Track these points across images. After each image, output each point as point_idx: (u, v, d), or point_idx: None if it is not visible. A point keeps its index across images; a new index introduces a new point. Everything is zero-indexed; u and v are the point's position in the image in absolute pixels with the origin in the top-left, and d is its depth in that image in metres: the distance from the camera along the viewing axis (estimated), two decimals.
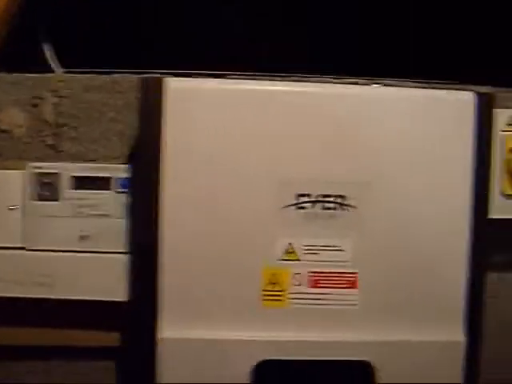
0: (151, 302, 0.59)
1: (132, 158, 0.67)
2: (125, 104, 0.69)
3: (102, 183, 0.65)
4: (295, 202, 0.59)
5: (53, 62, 0.70)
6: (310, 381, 0.62)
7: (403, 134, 0.60)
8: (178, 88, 0.59)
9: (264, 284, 0.60)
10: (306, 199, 0.59)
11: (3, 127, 0.69)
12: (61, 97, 0.69)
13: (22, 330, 0.69)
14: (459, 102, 0.60)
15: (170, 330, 0.60)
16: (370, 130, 0.60)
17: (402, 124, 0.60)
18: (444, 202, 0.60)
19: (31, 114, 0.70)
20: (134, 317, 0.60)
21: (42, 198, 0.65)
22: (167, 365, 0.60)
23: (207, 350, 0.60)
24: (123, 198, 0.65)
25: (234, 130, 0.59)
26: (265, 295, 0.61)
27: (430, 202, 0.60)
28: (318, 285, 0.60)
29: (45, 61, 0.71)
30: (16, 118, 0.70)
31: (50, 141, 0.70)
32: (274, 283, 0.60)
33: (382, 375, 0.61)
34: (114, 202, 0.65)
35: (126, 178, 0.65)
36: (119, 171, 0.65)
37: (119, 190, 0.65)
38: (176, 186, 0.59)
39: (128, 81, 0.69)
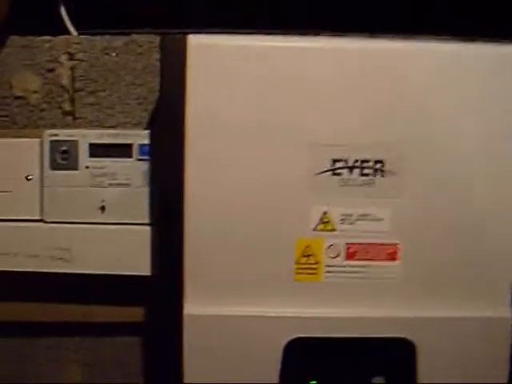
0: (177, 277, 0.56)
1: (153, 124, 0.63)
2: (144, 66, 0.65)
3: (122, 150, 0.61)
4: (330, 167, 0.55)
5: (68, 24, 0.65)
6: (345, 360, 0.57)
7: (450, 92, 0.54)
8: (202, 45, 0.54)
9: (297, 256, 0.56)
10: (341, 165, 0.55)
11: (17, 93, 0.65)
12: (77, 60, 0.65)
13: (42, 306, 0.67)
14: None
15: (196, 305, 0.56)
16: (412, 89, 0.54)
17: (447, 82, 0.54)
18: (499, 164, 0.54)
19: (46, 79, 0.66)
20: (159, 292, 0.56)
21: (59, 167, 0.62)
22: (194, 342, 0.57)
23: (236, 327, 0.57)
24: (145, 166, 0.61)
25: (262, 90, 0.55)
26: (298, 268, 0.57)
27: (480, 164, 0.54)
28: (355, 257, 0.56)
29: (60, 22, 0.65)
30: (30, 84, 0.66)
31: (66, 107, 0.66)
32: (307, 255, 0.56)
33: (422, 354, 0.57)
34: (135, 170, 0.61)
35: (148, 145, 0.61)
36: (140, 137, 0.61)
37: (140, 157, 0.61)
38: (201, 151, 0.55)
39: (147, 41, 0.65)
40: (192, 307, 0.56)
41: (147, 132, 0.61)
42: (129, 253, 0.62)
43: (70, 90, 0.66)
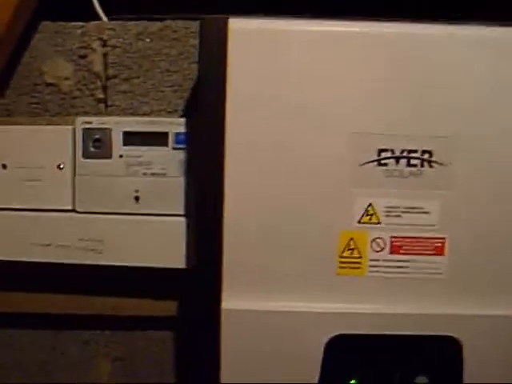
0: (215, 270, 0.53)
1: (189, 111, 0.60)
2: (180, 52, 0.63)
3: (157, 139, 0.59)
4: (376, 157, 0.52)
5: (99, 9, 0.63)
6: (387, 358, 0.55)
7: (499, 78, 0.51)
8: (243, 29, 0.52)
9: (340, 250, 0.54)
10: (388, 155, 0.52)
11: (49, 80, 0.64)
12: (110, 46, 0.63)
13: (72, 298, 0.65)
14: None
15: (234, 300, 0.54)
16: (462, 78, 0.51)
17: (498, 68, 0.51)
18: None
19: (78, 66, 0.65)
20: (196, 286, 0.54)
21: (92, 156, 0.60)
22: (231, 339, 0.54)
23: (275, 323, 0.54)
24: (181, 155, 0.59)
25: (305, 75, 0.52)
26: (341, 262, 0.54)
27: None
28: (401, 251, 0.53)
29: (93, 8, 0.64)
30: (62, 70, 0.65)
31: (99, 94, 0.65)
32: (351, 249, 0.53)
33: (468, 353, 0.54)
34: (170, 159, 0.59)
35: (184, 133, 0.59)
36: (176, 125, 0.59)
37: (176, 146, 0.59)
38: (241, 140, 0.52)
39: (183, 27, 0.63)
40: (230, 302, 0.54)
41: (183, 120, 0.58)
42: (163, 245, 0.60)
43: (102, 77, 0.64)
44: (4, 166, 0.61)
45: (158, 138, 0.59)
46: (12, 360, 0.69)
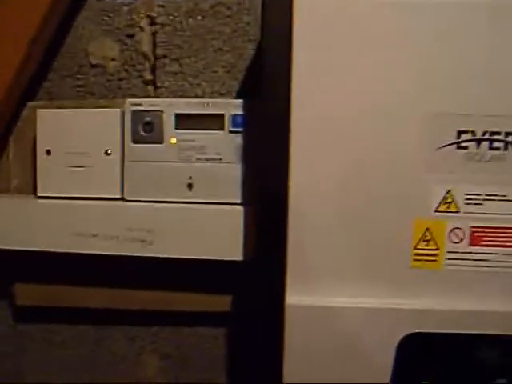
0: (278, 263, 0.49)
1: (245, 93, 0.56)
2: (233, 30, 0.59)
3: (212, 122, 0.55)
4: (455, 140, 0.47)
5: None
6: (465, 359, 0.50)
7: None
8: (309, 2, 0.47)
9: (415, 241, 0.49)
10: (468, 137, 0.47)
11: (94, 61, 0.60)
12: (159, 24, 0.60)
13: (117, 292, 0.62)
14: None
15: (299, 295, 0.50)
16: None
17: None
18: None
19: (125, 46, 0.61)
20: (256, 280, 0.51)
21: (142, 141, 0.56)
22: (296, 336, 0.50)
23: (343, 319, 0.50)
24: (238, 139, 0.55)
25: (379, 50, 0.48)
26: (415, 255, 0.49)
27: None
28: (481, 242, 0.49)
29: None
30: (108, 51, 0.61)
31: (147, 75, 0.61)
32: (427, 240, 0.49)
33: None
34: (226, 143, 0.55)
35: (242, 115, 0.55)
36: (233, 107, 0.55)
37: (233, 129, 0.55)
38: (308, 122, 0.48)
39: (236, 3, 0.59)
40: (295, 297, 0.50)
41: (241, 101, 0.54)
42: (218, 236, 0.56)
43: (151, 58, 0.61)
44: (48, 152, 0.58)
45: (213, 121, 0.55)
46: (51, 356, 0.67)
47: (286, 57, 0.48)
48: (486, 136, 0.48)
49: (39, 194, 0.58)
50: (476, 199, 0.49)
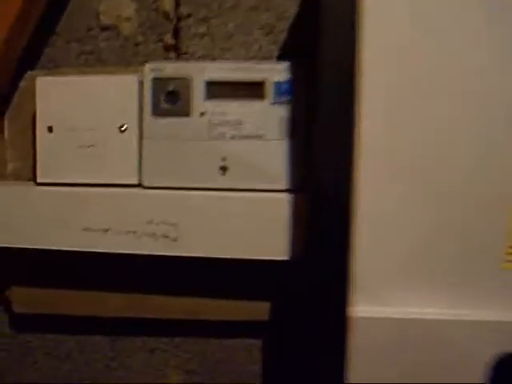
0: (331, 264, 0.41)
1: (288, 59, 0.48)
2: None
3: (250, 90, 0.47)
4: None
5: None
6: None
7: None
8: None
9: (509, 237, 0.41)
10: None
11: (106, 21, 0.52)
12: None
13: (134, 298, 0.55)
14: None
15: (366, 305, 0.41)
16: None
17: None
18: None
19: (143, 4, 0.53)
20: (302, 283, 0.44)
21: (164, 114, 0.48)
22: (361, 355, 0.41)
23: (419, 334, 0.42)
24: (282, 111, 0.47)
25: (457, 29, 0.39)
26: (509, 254, 0.41)
27: None
28: None
29: None
30: (123, 9, 0.53)
31: (168, 40, 0.53)
32: None
33: None
34: (268, 116, 0.47)
35: (287, 82, 0.47)
36: (276, 72, 0.47)
37: (276, 99, 0.47)
38: (379, 93, 0.39)
39: None
40: (360, 307, 0.41)
41: (286, 64, 0.45)
42: (258, 230, 0.48)
43: (173, 18, 0.53)
44: (50, 129, 0.50)
45: (252, 90, 0.47)
46: (56, 371, 0.61)
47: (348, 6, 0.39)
48: None
49: (39, 181, 0.51)
50: None
